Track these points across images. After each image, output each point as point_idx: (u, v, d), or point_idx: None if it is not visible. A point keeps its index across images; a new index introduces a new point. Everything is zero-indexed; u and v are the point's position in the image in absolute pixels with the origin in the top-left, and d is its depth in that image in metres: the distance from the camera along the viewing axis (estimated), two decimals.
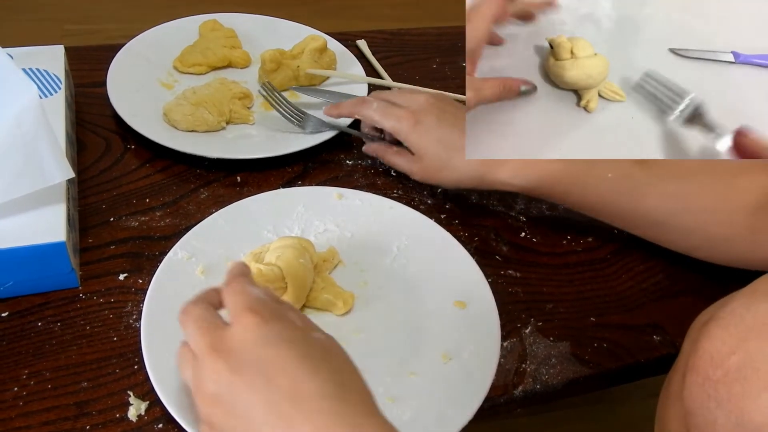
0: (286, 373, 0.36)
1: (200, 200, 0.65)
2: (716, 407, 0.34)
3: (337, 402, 0.36)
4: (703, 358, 0.35)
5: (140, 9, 1.99)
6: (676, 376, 0.39)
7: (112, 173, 0.66)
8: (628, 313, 0.60)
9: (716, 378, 0.34)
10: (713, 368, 0.34)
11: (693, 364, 0.35)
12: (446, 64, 0.88)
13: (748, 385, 0.32)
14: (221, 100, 0.71)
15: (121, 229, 0.61)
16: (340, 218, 0.62)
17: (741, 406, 0.32)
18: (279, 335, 0.38)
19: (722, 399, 0.33)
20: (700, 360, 0.35)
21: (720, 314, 0.35)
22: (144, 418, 0.48)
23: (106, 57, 0.75)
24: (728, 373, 0.33)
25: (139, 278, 0.57)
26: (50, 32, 1.88)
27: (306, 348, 0.38)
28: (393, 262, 0.59)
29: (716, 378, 0.34)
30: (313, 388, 0.36)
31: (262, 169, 0.68)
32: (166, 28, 0.82)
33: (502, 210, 0.67)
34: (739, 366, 0.33)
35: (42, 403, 0.48)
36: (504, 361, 0.54)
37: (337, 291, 0.55)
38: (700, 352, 0.35)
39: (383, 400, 0.49)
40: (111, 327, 0.53)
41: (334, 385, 0.37)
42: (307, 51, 0.78)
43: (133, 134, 0.68)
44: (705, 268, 0.60)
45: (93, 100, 0.73)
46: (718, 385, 0.34)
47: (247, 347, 0.37)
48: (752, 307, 0.34)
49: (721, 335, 0.34)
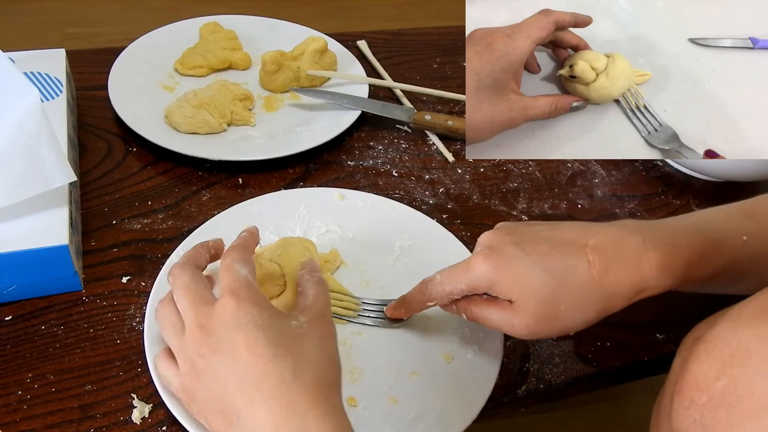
0: (253, 356, 0.40)
1: (202, 202, 0.65)
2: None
3: (290, 389, 0.39)
4: (690, 382, 0.34)
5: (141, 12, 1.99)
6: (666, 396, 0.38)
7: (114, 176, 0.66)
8: (631, 311, 0.59)
9: (701, 403, 0.33)
10: (699, 392, 0.33)
11: (680, 386, 0.34)
12: (447, 64, 0.88)
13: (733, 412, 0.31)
14: (222, 102, 0.71)
15: (123, 232, 0.61)
16: (341, 219, 0.62)
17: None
18: (251, 320, 0.41)
19: (708, 425, 0.32)
20: (686, 383, 0.34)
21: (708, 336, 0.34)
22: (148, 420, 0.48)
23: (107, 60, 0.75)
24: (713, 399, 0.32)
25: (142, 281, 0.57)
26: (52, 36, 1.89)
27: (275, 334, 0.41)
28: (395, 263, 0.59)
29: (701, 403, 0.33)
30: (273, 372, 0.39)
31: (263, 170, 0.68)
32: (167, 31, 0.83)
33: (504, 210, 0.67)
34: (724, 392, 0.32)
35: (46, 406, 0.48)
36: (507, 361, 0.54)
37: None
38: (687, 374, 0.34)
39: (386, 400, 0.49)
40: (114, 330, 0.53)
41: (293, 372, 0.40)
42: (308, 52, 0.78)
43: (135, 137, 0.68)
44: None
45: (94, 103, 0.74)
46: (704, 410, 0.33)
47: (224, 327, 0.41)
48: (738, 331, 0.33)
49: (707, 359, 0.33)
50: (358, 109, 0.74)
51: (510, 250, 0.45)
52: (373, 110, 0.75)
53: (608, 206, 0.69)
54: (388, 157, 0.72)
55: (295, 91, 0.76)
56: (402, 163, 0.72)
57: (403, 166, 0.71)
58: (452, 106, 0.80)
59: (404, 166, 0.71)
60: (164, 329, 0.45)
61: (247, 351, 0.40)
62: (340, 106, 0.75)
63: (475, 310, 0.47)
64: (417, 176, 0.70)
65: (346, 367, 0.51)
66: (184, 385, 0.43)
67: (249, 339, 0.40)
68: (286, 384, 0.39)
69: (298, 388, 0.39)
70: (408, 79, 0.83)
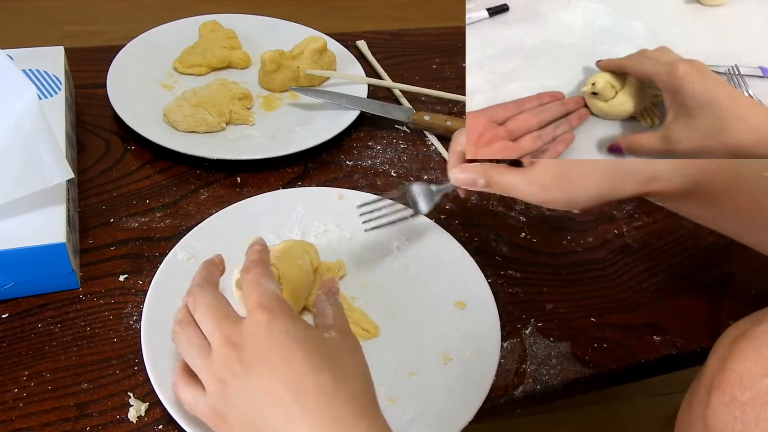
0: (290, 368, 0.38)
1: (200, 201, 0.65)
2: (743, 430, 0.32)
3: (334, 401, 0.37)
4: (732, 378, 0.33)
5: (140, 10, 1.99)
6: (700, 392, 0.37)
7: (112, 174, 0.66)
8: (628, 313, 0.60)
9: (744, 400, 0.32)
10: (742, 389, 0.33)
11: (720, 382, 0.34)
12: (446, 65, 0.88)
13: None
14: (221, 101, 0.71)
15: (121, 231, 0.61)
16: (340, 219, 0.62)
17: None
18: (286, 332, 0.39)
19: (750, 422, 0.32)
20: (728, 379, 0.33)
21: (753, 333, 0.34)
22: (144, 419, 0.48)
23: (106, 58, 0.75)
24: (757, 396, 0.32)
25: (139, 279, 0.57)
26: (50, 33, 1.89)
27: (311, 345, 0.39)
28: (393, 263, 0.59)
29: (744, 400, 0.32)
30: (313, 385, 0.38)
31: (262, 169, 0.68)
32: (166, 29, 0.83)
33: (502, 210, 0.67)
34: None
35: (42, 404, 0.48)
36: (504, 362, 0.54)
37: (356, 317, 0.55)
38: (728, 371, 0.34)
39: (383, 400, 0.49)
40: (111, 328, 0.53)
41: (334, 384, 0.38)
42: (307, 52, 0.78)
43: (133, 135, 0.68)
44: (705, 268, 0.60)
45: (93, 101, 0.74)
46: (746, 408, 0.32)
47: (258, 342, 0.39)
48: None
49: (753, 356, 0.33)
50: (357, 108, 0.74)
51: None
52: (372, 110, 0.75)
53: (606, 208, 0.69)
54: (386, 158, 0.72)
55: (294, 90, 0.76)
56: (400, 164, 0.72)
57: (402, 167, 0.71)
58: (451, 107, 0.80)
59: (403, 167, 0.71)
60: (186, 351, 0.43)
61: (284, 363, 0.38)
62: (339, 105, 0.75)
63: (495, 175, 0.50)
64: (415, 176, 0.70)
65: None
66: (213, 408, 0.40)
67: (284, 351, 0.38)
68: (328, 396, 0.37)
69: (341, 401, 0.37)
70: (407, 79, 0.83)
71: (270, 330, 0.39)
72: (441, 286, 0.57)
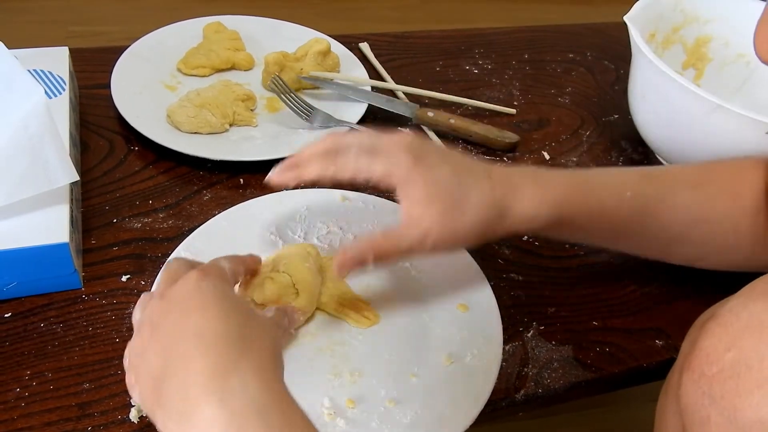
0: (201, 313, 0.38)
1: (203, 202, 0.65)
2: (710, 404, 0.34)
3: (234, 346, 0.37)
4: (700, 356, 0.35)
5: (144, 11, 2.00)
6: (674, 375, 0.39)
7: (115, 175, 0.66)
8: (631, 317, 0.60)
9: (711, 374, 0.34)
10: (708, 365, 0.34)
11: (690, 361, 0.35)
12: (449, 67, 0.88)
13: (741, 382, 0.32)
14: (225, 102, 0.71)
15: (124, 231, 0.61)
16: (343, 220, 0.62)
17: (734, 404, 0.32)
18: (213, 288, 0.40)
19: (716, 396, 0.33)
20: (696, 357, 0.35)
21: (719, 312, 0.35)
22: (146, 419, 0.48)
23: (110, 59, 0.76)
24: (723, 370, 0.33)
25: (142, 280, 0.57)
26: (55, 34, 1.89)
27: (232, 305, 0.40)
28: (395, 265, 0.59)
29: (711, 374, 0.34)
30: (219, 328, 0.37)
31: (265, 170, 0.67)
32: (170, 30, 0.83)
33: None
34: (733, 363, 0.33)
35: (44, 404, 0.48)
36: (506, 365, 0.54)
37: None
38: (696, 350, 0.35)
39: (385, 402, 0.49)
40: (113, 328, 0.53)
41: (241, 342, 0.37)
42: (311, 53, 0.78)
43: (137, 136, 0.68)
44: (707, 273, 0.60)
45: (97, 101, 0.74)
46: (713, 382, 0.34)
47: (183, 291, 0.40)
48: (749, 305, 0.34)
49: (718, 333, 0.35)
50: (365, 101, 0.76)
51: (429, 154, 0.49)
52: (378, 103, 0.76)
53: None
54: None
55: (303, 78, 0.77)
56: None
57: None
58: (454, 110, 0.80)
59: None
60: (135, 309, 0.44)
61: (199, 312, 0.38)
62: (345, 97, 0.76)
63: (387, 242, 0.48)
64: None
65: (346, 368, 0.51)
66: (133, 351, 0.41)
67: (204, 302, 0.39)
68: (230, 339, 0.37)
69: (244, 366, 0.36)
70: (410, 81, 0.83)
71: (198, 284, 0.40)
72: (443, 288, 0.57)
